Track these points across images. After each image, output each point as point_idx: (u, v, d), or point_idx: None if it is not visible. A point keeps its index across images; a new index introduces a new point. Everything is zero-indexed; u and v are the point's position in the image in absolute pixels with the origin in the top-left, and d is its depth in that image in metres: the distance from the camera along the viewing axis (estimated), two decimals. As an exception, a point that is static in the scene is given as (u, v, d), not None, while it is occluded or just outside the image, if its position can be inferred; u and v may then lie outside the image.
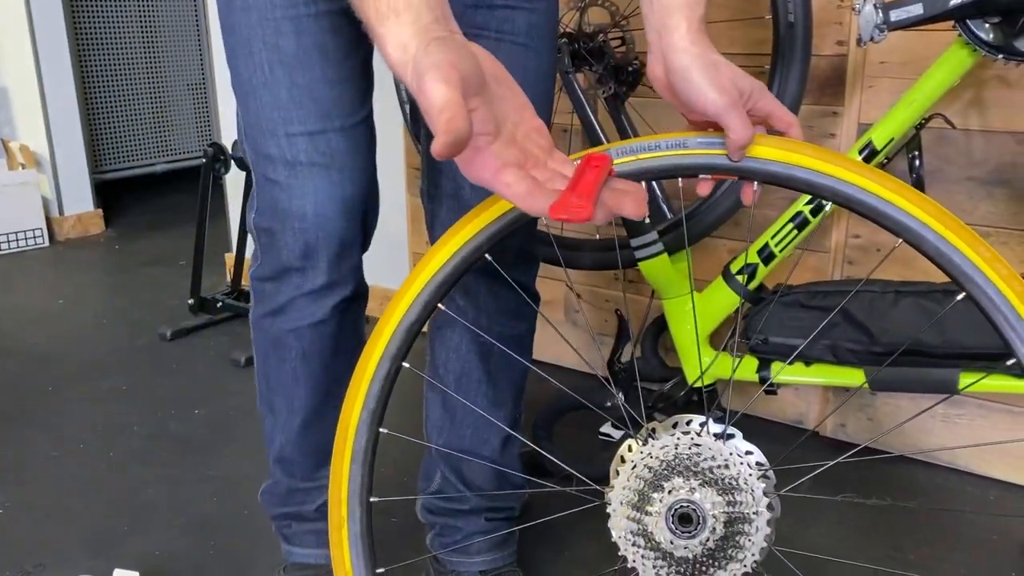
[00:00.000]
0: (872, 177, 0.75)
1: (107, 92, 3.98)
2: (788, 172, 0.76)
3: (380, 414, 0.86)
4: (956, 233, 0.74)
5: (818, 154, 0.76)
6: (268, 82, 0.96)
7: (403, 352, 0.85)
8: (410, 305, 0.84)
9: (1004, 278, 0.73)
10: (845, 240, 1.70)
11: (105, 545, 1.50)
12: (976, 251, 0.73)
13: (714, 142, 0.78)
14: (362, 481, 0.86)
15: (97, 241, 3.51)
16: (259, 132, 0.99)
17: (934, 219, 0.74)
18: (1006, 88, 1.49)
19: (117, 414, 1.98)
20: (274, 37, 0.94)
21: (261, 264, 1.07)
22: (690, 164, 0.79)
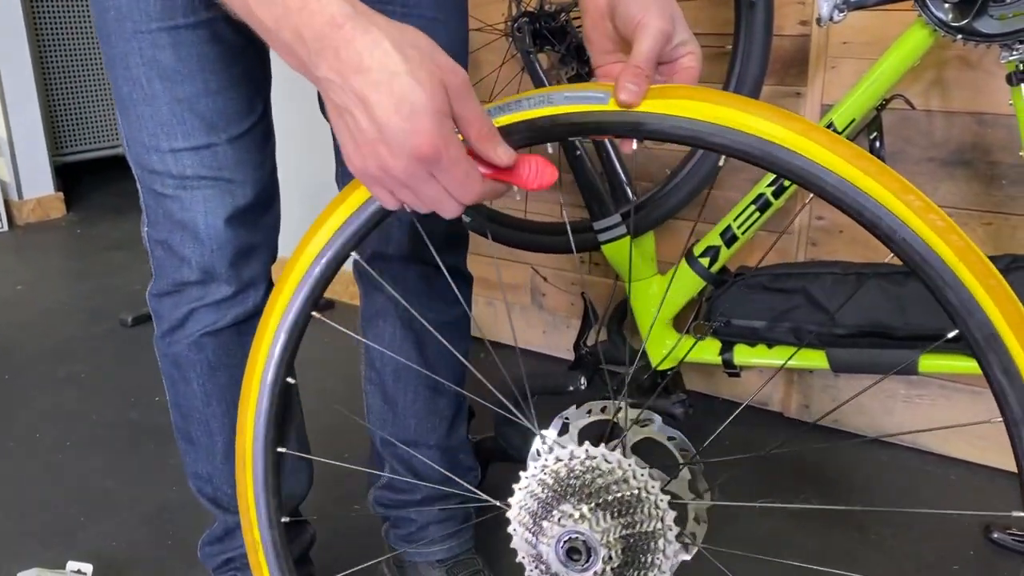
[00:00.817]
0: (810, 136, 0.62)
1: (66, 71, 3.88)
2: (692, 128, 0.64)
3: (274, 435, 0.81)
4: (886, 187, 0.63)
5: (726, 102, 0.64)
6: (148, 97, 0.91)
7: (287, 363, 0.79)
8: (279, 321, 0.78)
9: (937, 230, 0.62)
10: (809, 221, 1.70)
11: (60, 536, 1.47)
12: (905, 201, 0.62)
13: (587, 96, 0.67)
14: (268, 503, 0.82)
15: (58, 225, 3.44)
16: (142, 147, 0.94)
17: (884, 189, 0.63)
18: (967, 69, 1.48)
19: (75, 402, 1.95)
20: (151, 50, 0.89)
21: (157, 280, 1.02)
22: (565, 121, 0.67)
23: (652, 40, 0.70)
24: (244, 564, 1.16)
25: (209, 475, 1.13)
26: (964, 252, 0.61)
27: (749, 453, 1.53)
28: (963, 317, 0.61)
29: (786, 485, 1.59)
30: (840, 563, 1.39)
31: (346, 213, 0.74)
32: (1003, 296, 0.60)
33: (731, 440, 1.76)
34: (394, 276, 1.12)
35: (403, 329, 1.16)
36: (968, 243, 0.61)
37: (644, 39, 0.70)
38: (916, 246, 0.61)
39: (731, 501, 0.68)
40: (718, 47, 1.60)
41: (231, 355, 1.05)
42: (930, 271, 0.61)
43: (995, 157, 1.51)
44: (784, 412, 1.84)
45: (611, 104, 0.66)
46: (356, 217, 0.74)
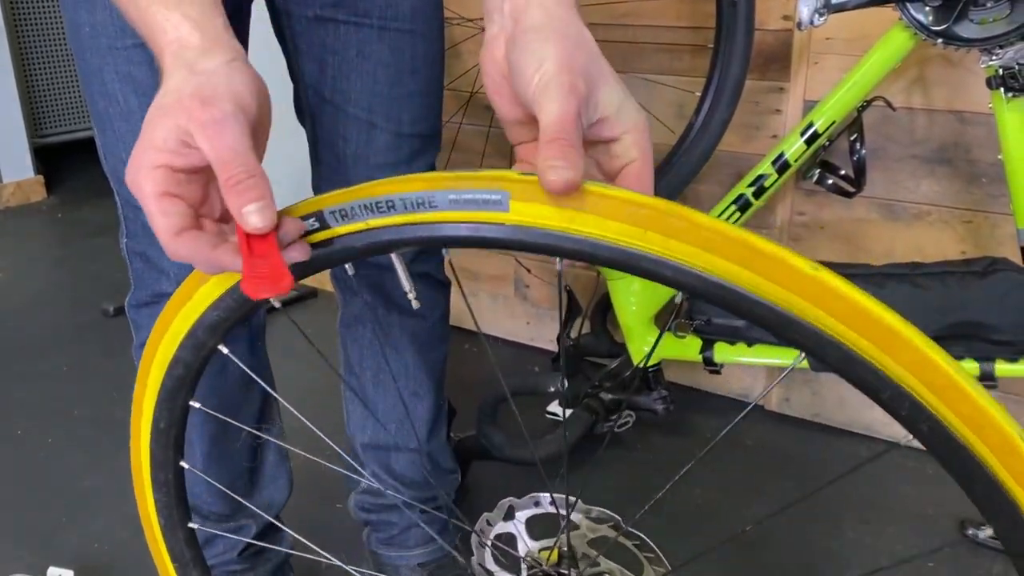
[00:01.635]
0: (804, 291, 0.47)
1: (45, 50, 3.82)
2: (619, 255, 0.47)
3: (168, 456, 0.74)
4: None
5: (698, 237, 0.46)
6: (124, 113, 0.90)
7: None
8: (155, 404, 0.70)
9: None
10: (790, 217, 1.70)
11: (41, 538, 1.47)
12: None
13: (487, 199, 0.48)
14: (189, 568, 0.77)
15: (39, 209, 3.41)
16: (119, 161, 0.94)
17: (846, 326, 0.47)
18: (949, 67, 1.48)
19: (56, 397, 1.94)
20: (126, 66, 0.88)
21: (136, 291, 1.02)
22: (439, 236, 0.51)
23: (560, 103, 0.49)
24: (225, 572, 1.17)
25: (189, 484, 1.13)
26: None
27: (722, 538, 1.54)
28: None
29: (765, 478, 1.61)
30: (817, 560, 1.40)
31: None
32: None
33: (712, 434, 1.78)
34: (371, 282, 1.12)
35: (382, 335, 1.16)
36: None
37: (548, 102, 0.49)
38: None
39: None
40: (701, 43, 1.59)
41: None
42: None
43: (975, 155, 1.51)
44: (765, 405, 1.85)
45: (512, 213, 0.48)
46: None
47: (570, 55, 0.51)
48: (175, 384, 0.65)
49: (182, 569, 0.75)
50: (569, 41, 0.51)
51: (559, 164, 0.47)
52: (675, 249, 0.45)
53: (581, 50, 0.52)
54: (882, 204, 1.60)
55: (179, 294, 0.62)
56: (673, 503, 1.55)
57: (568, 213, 0.47)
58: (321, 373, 1.78)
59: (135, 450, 0.71)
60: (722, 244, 0.45)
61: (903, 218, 1.59)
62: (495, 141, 1.97)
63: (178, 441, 0.68)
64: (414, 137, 1.02)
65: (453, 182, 0.49)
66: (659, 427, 1.77)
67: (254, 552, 1.17)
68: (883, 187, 1.59)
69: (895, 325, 0.44)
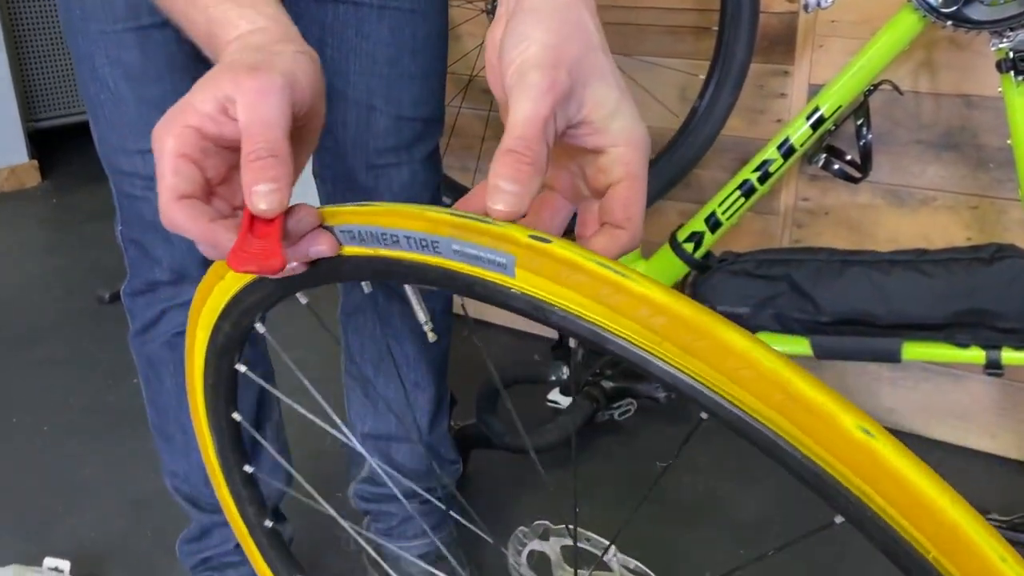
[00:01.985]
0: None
1: (39, 33, 3.78)
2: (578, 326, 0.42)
3: (236, 458, 0.76)
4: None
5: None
6: (115, 99, 0.88)
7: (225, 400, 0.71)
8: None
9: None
10: (794, 203, 1.68)
11: (36, 528, 1.46)
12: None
13: (486, 258, 0.43)
14: (246, 514, 0.80)
15: (33, 194, 3.37)
16: (111, 149, 0.92)
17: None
18: (957, 50, 1.45)
19: (51, 385, 1.92)
20: (117, 51, 0.86)
21: (131, 279, 1.01)
22: (451, 285, 0.45)
23: (530, 103, 0.43)
24: (222, 563, 1.16)
25: (186, 473, 1.12)
26: None
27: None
28: None
29: (767, 466, 1.60)
30: (821, 547, 1.39)
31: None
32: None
33: (714, 421, 1.76)
34: None
35: (383, 325, 1.14)
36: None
37: (518, 96, 0.43)
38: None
39: None
40: (704, 26, 1.57)
41: None
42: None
43: (983, 140, 1.49)
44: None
45: (519, 280, 0.43)
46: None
47: (560, 42, 0.45)
48: (218, 349, 0.65)
49: (240, 505, 0.78)
50: (565, 27, 0.45)
51: (505, 188, 0.42)
52: (696, 368, 0.39)
53: (576, 39, 0.45)
54: (887, 190, 1.58)
55: (214, 269, 0.60)
56: (673, 491, 1.53)
57: (578, 298, 0.41)
58: (321, 361, 1.76)
59: (192, 398, 0.72)
60: (754, 380, 0.38)
61: (909, 204, 1.58)
62: (494, 125, 1.94)
63: (228, 395, 0.69)
64: (415, 121, 1.00)
65: (458, 231, 0.43)
66: (661, 415, 1.76)
67: None
68: (888, 172, 1.57)
69: (962, 525, 0.36)
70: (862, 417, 0.36)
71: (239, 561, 1.16)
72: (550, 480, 1.56)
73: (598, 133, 0.46)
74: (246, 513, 0.79)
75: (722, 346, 0.38)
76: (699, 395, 0.39)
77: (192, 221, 0.47)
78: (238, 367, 0.66)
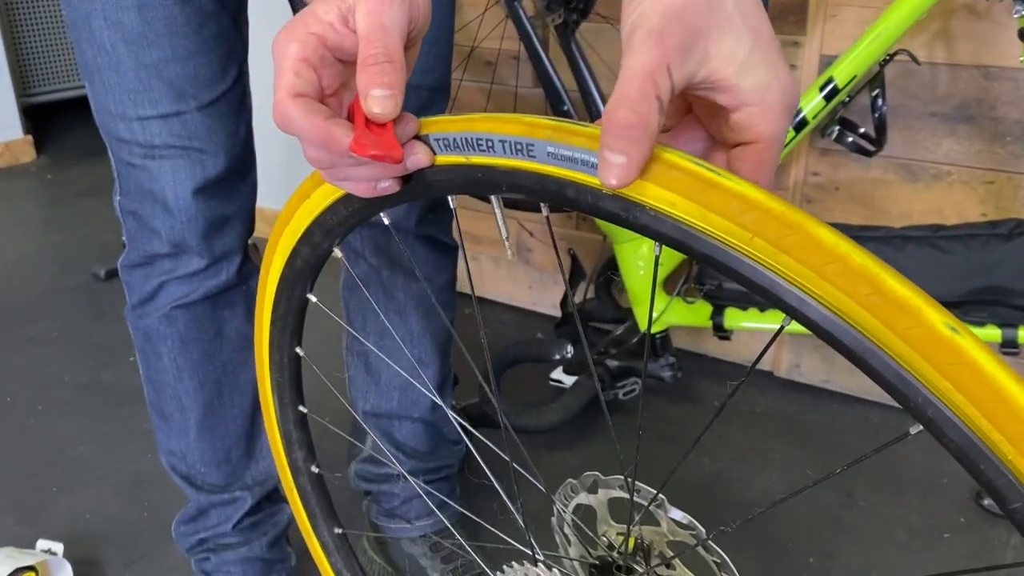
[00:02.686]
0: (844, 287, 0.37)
1: (33, 6, 3.72)
2: (704, 248, 0.40)
3: (292, 397, 0.75)
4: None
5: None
6: (113, 63, 0.86)
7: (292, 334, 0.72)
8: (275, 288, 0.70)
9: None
10: (804, 177, 1.64)
11: (31, 509, 1.43)
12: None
13: (580, 157, 0.43)
14: (293, 458, 0.79)
15: (28, 170, 3.33)
16: (109, 116, 0.89)
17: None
18: (975, 19, 1.41)
19: (46, 363, 1.89)
20: (115, 13, 0.83)
21: (129, 251, 0.98)
22: (543, 189, 0.45)
23: (637, 55, 0.39)
24: (218, 545, 1.13)
25: (183, 452, 1.09)
26: None
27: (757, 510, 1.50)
28: None
29: (775, 447, 1.57)
30: (829, 530, 1.37)
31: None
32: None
33: (720, 400, 1.73)
34: (377, 245, 1.07)
35: (386, 299, 1.11)
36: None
37: (628, 53, 0.40)
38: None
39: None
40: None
41: (203, 329, 1.02)
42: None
43: (1000, 113, 1.44)
44: (775, 371, 1.80)
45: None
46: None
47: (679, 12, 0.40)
48: (293, 275, 0.65)
49: (288, 447, 0.78)
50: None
51: (612, 160, 0.39)
52: (784, 264, 0.38)
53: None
54: (900, 164, 1.54)
55: (300, 190, 0.60)
56: (683, 472, 1.51)
57: (670, 196, 0.40)
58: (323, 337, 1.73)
59: (258, 328, 0.73)
60: (842, 274, 0.37)
61: (922, 179, 1.54)
62: (496, 98, 1.90)
63: (295, 328, 0.70)
64: (421, 89, 0.96)
65: (553, 132, 0.43)
66: (666, 394, 1.73)
67: (250, 524, 1.12)
68: (902, 146, 1.53)
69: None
70: (947, 315, 0.35)
71: (236, 542, 1.13)
72: (558, 462, 1.53)
73: (728, 91, 0.41)
74: (294, 457, 0.78)
75: (812, 241, 0.37)
76: (785, 293, 0.38)
77: (307, 117, 0.46)
78: (310, 296, 0.67)
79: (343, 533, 0.81)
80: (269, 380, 0.75)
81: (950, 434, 0.36)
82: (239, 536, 1.12)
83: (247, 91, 0.97)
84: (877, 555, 1.32)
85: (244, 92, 0.96)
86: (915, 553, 1.32)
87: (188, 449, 1.08)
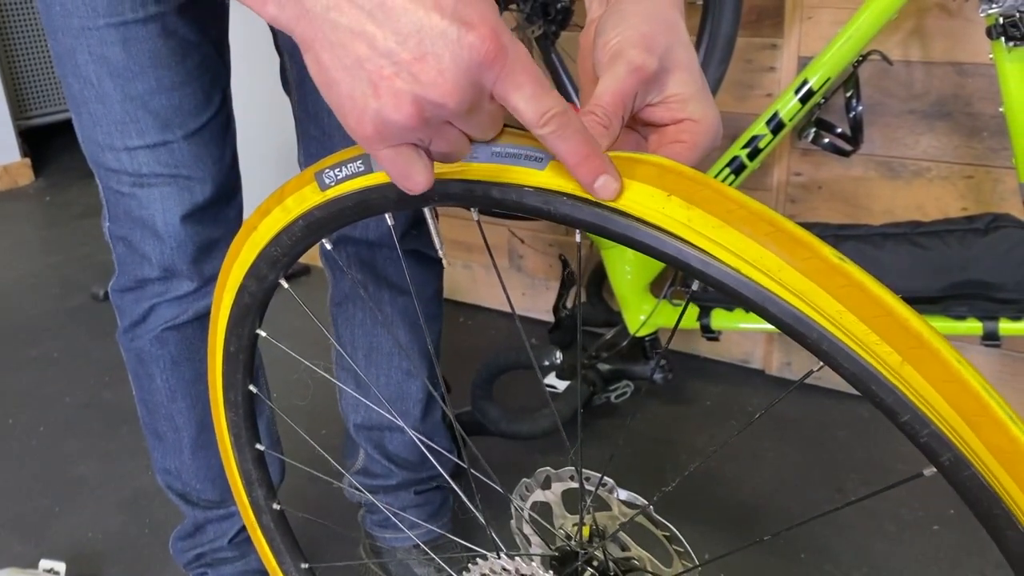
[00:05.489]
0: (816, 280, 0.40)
1: (28, 29, 3.75)
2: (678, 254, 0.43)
3: (248, 435, 0.77)
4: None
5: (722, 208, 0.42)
6: (99, 95, 0.88)
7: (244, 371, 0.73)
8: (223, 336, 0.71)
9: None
10: (787, 178, 1.66)
11: (33, 527, 1.45)
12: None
13: (521, 153, 0.47)
14: (254, 496, 0.80)
15: (26, 193, 3.36)
16: (96, 146, 0.91)
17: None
18: (947, 17, 1.43)
19: (47, 383, 1.91)
20: (100, 47, 0.85)
21: (119, 276, 1.00)
22: (480, 194, 0.48)
23: (618, 78, 0.49)
24: (215, 559, 1.15)
25: (178, 470, 1.11)
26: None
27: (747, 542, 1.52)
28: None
29: (767, 445, 1.59)
30: (819, 525, 1.38)
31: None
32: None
33: (712, 401, 1.75)
34: (362, 260, 1.09)
35: (373, 313, 1.13)
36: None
37: (608, 75, 0.49)
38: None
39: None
40: (688, 0, 1.54)
41: (194, 349, 1.04)
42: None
43: (976, 108, 1.46)
44: (765, 369, 1.82)
45: (547, 172, 0.46)
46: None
47: (654, 32, 0.50)
48: (242, 311, 0.67)
49: (248, 486, 0.79)
50: (658, 21, 0.51)
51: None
52: (697, 221, 0.43)
53: (668, 33, 0.51)
54: (881, 162, 1.56)
55: (248, 223, 0.63)
56: (674, 473, 1.53)
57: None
58: (313, 351, 1.75)
59: (211, 369, 0.74)
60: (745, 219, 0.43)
61: (903, 175, 1.55)
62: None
63: (247, 366, 0.71)
64: None
65: (504, 137, 0.48)
66: (658, 395, 1.75)
67: (245, 539, 1.14)
68: (881, 144, 1.55)
69: (923, 333, 0.39)
70: (834, 250, 0.41)
71: (233, 556, 1.15)
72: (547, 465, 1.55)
73: (673, 112, 0.51)
74: (255, 495, 0.79)
75: (720, 194, 0.43)
76: (690, 258, 0.43)
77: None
78: (259, 331, 0.69)
79: (310, 568, 0.82)
80: (225, 420, 0.76)
81: (844, 362, 0.40)
82: (235, 550, 1.15)
83: (231, 116, 0.99)
84: (868, 549, 1.34)
85: (229, 117, 0.98)
86: (905, 546, 1.34)
87: (183, 467, 1.11)
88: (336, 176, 0.54)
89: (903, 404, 0.39)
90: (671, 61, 0.50)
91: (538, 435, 1.51)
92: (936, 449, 0.39)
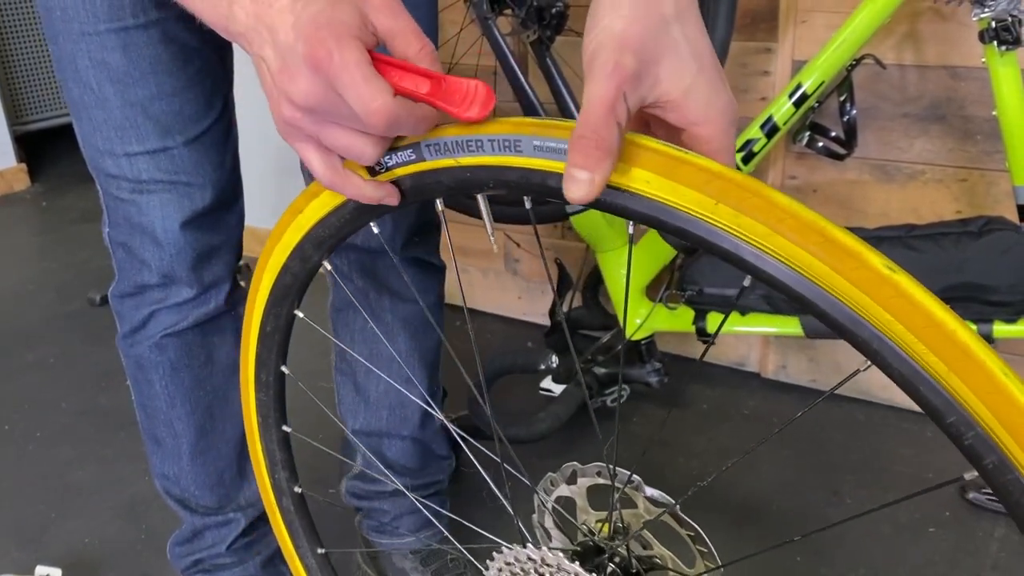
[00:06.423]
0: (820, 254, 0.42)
1: (24, 34, 3.75)
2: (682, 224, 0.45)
3: (276, 416, 0.78)
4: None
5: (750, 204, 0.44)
6: (99, 101, 0.87)
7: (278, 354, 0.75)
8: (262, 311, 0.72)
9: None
10: (782, 181, 1.66)
11: (30, 534, 1.45)
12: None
13: (564, 147, 0.48)
14: (276, 478, 0.81)
15: (22, 198, 3.36)
16: (96, 152, 0.91)
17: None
18: (941, 21, 1.44)
19: (44, 389, 1.91)
20: (100, 53, 0.85)
21: (119, 281, 1.00)
22: (527, 183, 0.50)
23: (598, 85, 0.45)
24: (213, 565, 1.15)
25: (176, 476, 1.11)
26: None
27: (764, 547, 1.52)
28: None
29: (764, 447, 1.59)
30: (816, 527, 1.39)
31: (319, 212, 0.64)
32: None
33: (708, 404, 1.76)
34: (363, 267, 1.09)
35: (373, 320, 1.13)
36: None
37: (589, 83, 0.46)
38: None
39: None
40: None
41: (193, 356, 1.04)
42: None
43: (969, 112, 1.47)
44: (761, 373, 1.83)
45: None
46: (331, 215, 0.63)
47: (626, 26, 0.46)
48: (282, 292, 0.69)
49: (272, 467, 0.80)
50: (636, 8, 0.46)
51: (578, 176, 0.45)
52: (745, 226, 0.44)
53: (644, 19, 0.46)
54: (875, 165, 1.57)
55: (293, 206, 0.64)
56: (672, 476, 1.53)
57: (646, 175, 0.46)
58: (313, 357, 1.75)
59: (244, 349, 0.75)
60: (795, 228, 0.43)
61: (897, 179, 1.56)
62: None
63: (282, 346, 0.73)
64: None
65: (539, 129, 0.49)
66: (655, 398, 1.75)
67: (244, 545, 1.15)
68: (876, 147, 1.55)
69: (970, 345, 0.40)
70: (885, 257, 0.41)
71: (231, 563, 1.15)
72: (553, 468, 1.55)
73: (676, 110, 0.48)
74: (277, 477, 0.80)
75: (768, 202, 0.43)
76: (745, 253, 0.44)
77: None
78: (297, 312, 0.70)
79: (326, 553, 0.83)
80: (254, 400, 0.77)
81: (893, 363, 0.41)
82: (233, 556, 1.15)
83: (233, 121, 0.98)
84: (864, 551, 1.34)
85: (230, 123, 0.98)
86: (901, 548, 1.34)
87: (181, 473, 1.11)
88: (386, 164, 0.56)
89: (950, 406, 0.40)
90: (655, 49, 0.46)
91: (535, 438, 1.51)
92: (981, 452, 0.40)
